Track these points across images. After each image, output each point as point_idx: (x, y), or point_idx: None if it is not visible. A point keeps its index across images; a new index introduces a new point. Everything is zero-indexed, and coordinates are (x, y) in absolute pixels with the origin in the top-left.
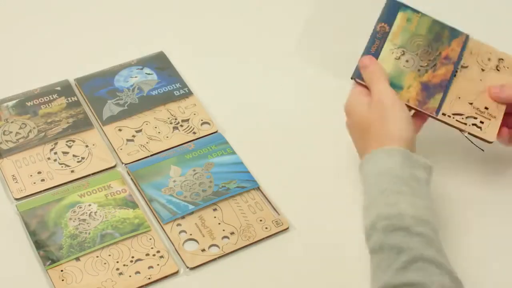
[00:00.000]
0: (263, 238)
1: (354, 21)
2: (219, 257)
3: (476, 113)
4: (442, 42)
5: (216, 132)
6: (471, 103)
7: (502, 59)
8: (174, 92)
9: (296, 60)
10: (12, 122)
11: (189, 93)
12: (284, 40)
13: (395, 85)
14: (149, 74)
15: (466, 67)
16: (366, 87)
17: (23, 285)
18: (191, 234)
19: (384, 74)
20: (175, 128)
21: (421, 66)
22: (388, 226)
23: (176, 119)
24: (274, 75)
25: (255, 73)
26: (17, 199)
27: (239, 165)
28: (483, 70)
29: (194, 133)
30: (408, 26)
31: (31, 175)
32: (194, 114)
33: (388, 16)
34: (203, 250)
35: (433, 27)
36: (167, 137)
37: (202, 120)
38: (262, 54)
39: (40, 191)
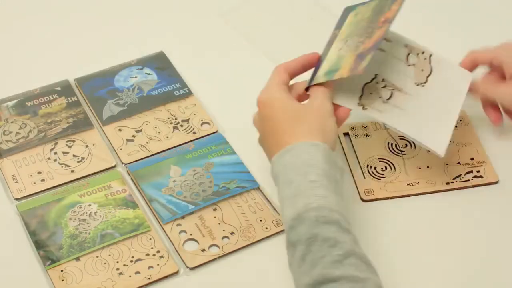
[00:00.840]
0: (263, 238)
1: None
2: (219, 257)
3: None
4: (383, 11)
5: (216, 132)
6: None
7: None
8: (174, 92)
9: None
10: (12, 122)
11: (189, 93)
12: (284, 40)
13: (333, 70)
14: (149, 74)
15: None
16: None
17: (23, 285)
18: (191, 234)
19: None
20: (175, 128)
21: (359, 41)
22: (320, 217)
23: (176, 119)
24: None
25: (255, 73)
26: (17, 199)
27: (239, 165)
28: None
29: (194, 133)
30: (355, 18)
31: (31, 175)
32: (194, 114)
33: (340, 22)
34: (203, 250)
35: (378, 5)
36: (167, 137)
37: (202, 120)
38: (262, 54)
39: (40, 191)
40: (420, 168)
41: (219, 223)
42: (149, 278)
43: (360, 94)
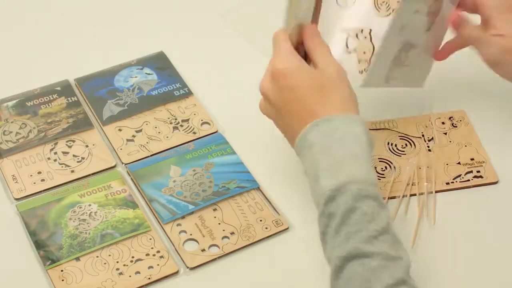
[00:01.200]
0: (263, 238)
1: None
2: (219, 257)
3: None
4: None
5: (216, 132)
6: None
7: None
8: (174, 92)
9: None
10: (12, 122)
11: (189, 93)
12: None
13: None
14: (149, 74)
15: None
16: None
17: (23, 285)
18: (191, 234)
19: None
20: (175, 128)
21: None
22: (362, 190)
23: (176, 119)
24: None
25: (255, 73)
26: (17, 199)
27: (239, 165)
28: None
29: (194, 133)
30: None
31: (31, 175)
32: (194, 114)
33: None
34: (203, 250)
35: None
36: (167, 137)
37: (202, 120)
38: (262, 54)
39: (40, 191)
40: (420, 168)
41: (219, 223)
42: (149, 278)
43: None
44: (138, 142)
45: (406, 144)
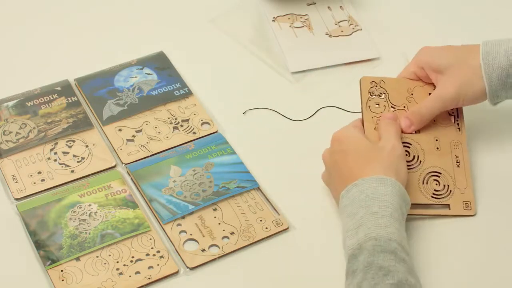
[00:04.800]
0: (263, 238)
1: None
2: (219, 257)
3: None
4: None
5: (216, 132)
6: None
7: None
8: (174, 92)
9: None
10: (12, 122)
11: (189, 93)
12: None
13: None
14: (149, 74)
15: None
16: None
17: (23, 285)
18: (191, 234)
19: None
20: (175, 128)
21: None
22: (376, 247)
23: (176, 119)
24: (274, 75)
25: (255, 73)
26: (17, 199)
27: (239, 165)
28: None
29: (194, 133)
30: None
31: (31, 175)
32: (194, 114)
33: None
34: (203, 250)
35: None
36: (167, 137)
37: (202, 120)
38: (262, 54)
39: (40, 191)
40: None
41: (219, 223)
42: (149, 278)
43: None
44: (138, 142)
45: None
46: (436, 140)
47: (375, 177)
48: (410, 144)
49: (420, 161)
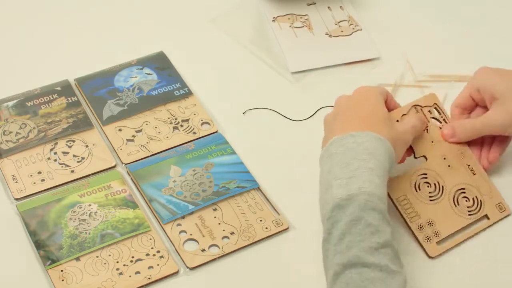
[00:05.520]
0: (263, 238)
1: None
2: (219, 257)
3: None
4: None
5: (216, 132)
6: None
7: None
8: (174, 92)
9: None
10: (12, 122)
11: (189, 93)
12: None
13: None
14: (149, 74)
15: None
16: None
17: (23, 285)
18: (191, 234)
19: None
20: (175, 128)
21: None
22: (369, 202)
23: (176, 119)
24: (274, 75)
25: (255, 73)
26: (17, 199)
27: (239, 165)
28: None
29: (194, 133)
30: None
31: (31, 175)
32: (194, 114)
33: None
34: (203, 250)
35: None
36: (167, 137)
37: (202, 120)
38: (262, 54)
39: (40, 191)
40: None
41: (219, 223)
42: (149, 278)
43: None
44: (138, 142)
45: None
46: (444, 158)
47: (375, 135)
48: (426, 174)
49: (442, 187)
